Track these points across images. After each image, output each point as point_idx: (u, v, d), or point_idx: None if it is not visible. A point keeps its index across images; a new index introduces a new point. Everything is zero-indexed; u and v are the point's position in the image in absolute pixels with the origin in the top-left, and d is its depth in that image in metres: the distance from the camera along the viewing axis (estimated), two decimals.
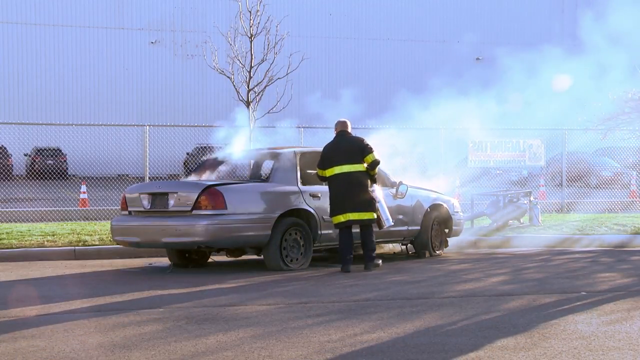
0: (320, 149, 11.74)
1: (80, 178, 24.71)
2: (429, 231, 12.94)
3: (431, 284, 9.74)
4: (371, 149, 11.26)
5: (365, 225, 11.22)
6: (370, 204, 11.21)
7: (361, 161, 11.20)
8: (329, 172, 11.24)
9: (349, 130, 11.52)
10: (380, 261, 11.44)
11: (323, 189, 11.61)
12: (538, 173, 23.84)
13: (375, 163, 11.24)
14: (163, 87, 42.78)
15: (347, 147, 11.27)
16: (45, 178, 24.34)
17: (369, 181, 11.28)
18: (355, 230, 11.34)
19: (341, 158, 11.18)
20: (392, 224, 11.58)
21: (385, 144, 13.29)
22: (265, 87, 15.68)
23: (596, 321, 7.11)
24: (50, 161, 29.38)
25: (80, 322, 7.18)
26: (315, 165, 11.73)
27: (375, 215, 11.27)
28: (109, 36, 42.66)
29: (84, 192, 20.58)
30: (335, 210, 11.20)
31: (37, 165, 28.09)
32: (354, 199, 11.10)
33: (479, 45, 41.33)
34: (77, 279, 10.61)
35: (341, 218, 11.13)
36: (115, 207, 17.94)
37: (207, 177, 12.26)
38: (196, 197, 10.72)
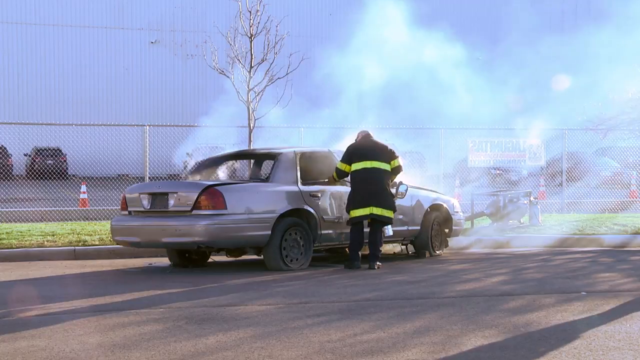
0: (321, 149, 11.71)
1: (80, 178, 24.70)
2: (429, 231, 12.95)
3: (431, 284, 9.74)
4: (397, 155, 11.56)
5: (380, 222, 11.33)
6: (393, 203, 11.46)
7: (388, 162, 11.43)
8: (355, 166, 11.37)
9: (373, 137, 11.75)
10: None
11: (323, 188, 11.63)
12: (538, 173, 23.83)
13: (399, 169, 11.56)
14: (163, 87, 42.78)
15: (375, 146, 11.52)
16: (45, 178, 24.32)
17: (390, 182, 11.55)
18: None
19: (370, 155, 11.38)
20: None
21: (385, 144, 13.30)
22: (265, 87, 15.68)
23: (596, 321, 7.11)
24: (50, 161, 29.36)
25: (80, 322, 7.18)
26: (315, 165, 11.75)
27: (393, 215, 11.50)
28: (109, 36, 42.67)
29: (84, 192, 20.59)
30: (356, 203, 11.26)
31: (37, 165, 28.06)
32: (380, 194, 11.29)
33: (479, 45, 41.31)
34: (77, 279, 10.61)
35: (364, 211, 11.20)
36: (115, 207, 17.93)
37: (207, 177, 12.26)
38: (196, 197, 10.71)
